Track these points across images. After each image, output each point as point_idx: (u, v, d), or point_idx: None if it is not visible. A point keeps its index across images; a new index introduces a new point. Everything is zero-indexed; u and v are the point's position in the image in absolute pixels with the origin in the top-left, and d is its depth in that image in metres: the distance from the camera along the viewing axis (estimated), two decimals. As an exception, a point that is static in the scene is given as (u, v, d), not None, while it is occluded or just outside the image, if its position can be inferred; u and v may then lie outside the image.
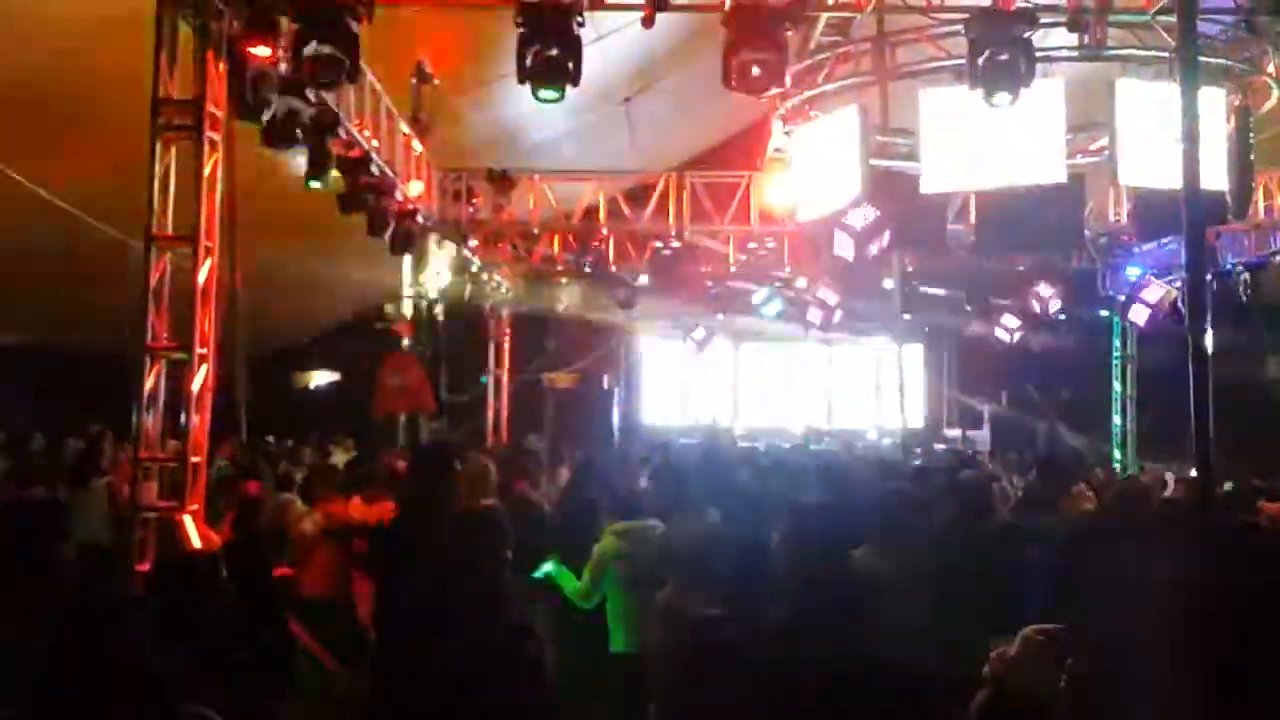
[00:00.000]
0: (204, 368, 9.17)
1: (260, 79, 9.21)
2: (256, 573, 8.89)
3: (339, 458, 15.05)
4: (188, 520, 8.84)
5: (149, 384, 9.06)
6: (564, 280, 19.27)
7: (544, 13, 9.20)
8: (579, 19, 9.25)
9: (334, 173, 11.65)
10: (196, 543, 8.71)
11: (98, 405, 13.88)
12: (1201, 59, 9.83)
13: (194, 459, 9.07)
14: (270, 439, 16.90)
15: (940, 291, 19.99)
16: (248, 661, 8.15)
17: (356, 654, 8.18)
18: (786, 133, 14.04)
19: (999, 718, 3.21)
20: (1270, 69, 11.81)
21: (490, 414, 21.11)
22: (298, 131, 10.10)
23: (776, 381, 25.28)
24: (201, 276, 9.12)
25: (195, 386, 9.09)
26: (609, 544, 7.04)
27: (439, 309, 17.57)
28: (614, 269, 18.23)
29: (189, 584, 4.11)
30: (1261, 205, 17.00)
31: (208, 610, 4.15)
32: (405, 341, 16.95)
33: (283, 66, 9.35)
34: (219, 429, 10.52)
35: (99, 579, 5.29)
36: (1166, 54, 10.45)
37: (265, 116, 9.57)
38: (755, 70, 9.41)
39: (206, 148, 9.08)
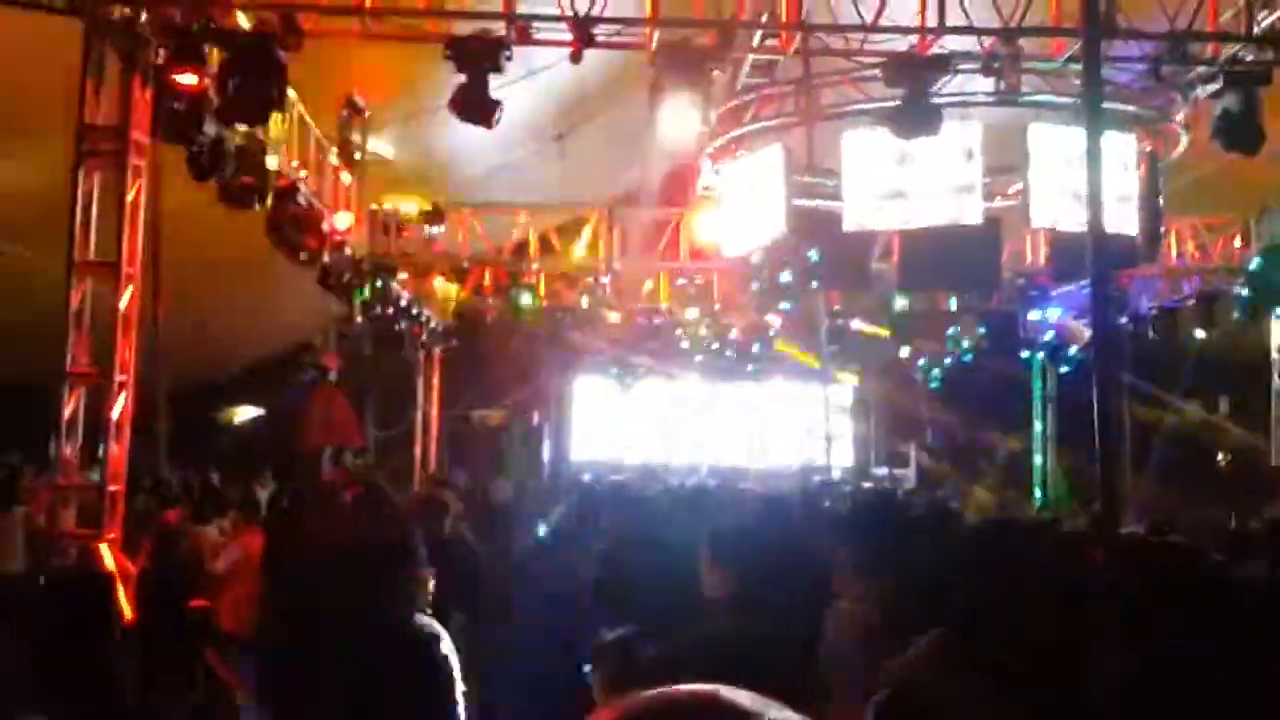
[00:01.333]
0: (124, 395, 9.12)
1: (187, 107, 9.23)
2: (171, 603, 8.83)
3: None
4: (104, 549, 8.76)
5: (68, 411, 8.99)
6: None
7: (472, 47, 9.35)
8: (507, 54, 9.41)
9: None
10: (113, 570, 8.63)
11: (8, 432, 13.65)
12: (1110, 105, 10.18)
13: (112, 487, 9.00)
14: (189, 471, 16.71)
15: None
16: (164, 693, 8.10)
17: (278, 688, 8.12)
18: (715, 171, 14.26)
19: (898, 717, 3.28)
20: (1179, 117, 12.21)
21: (419, 449, 21.02)
22: (224, 161, 10.10)
23: (706, 419, 25.36)
24: (123, 303, 9.09)
25: (115, 414, 9.03)
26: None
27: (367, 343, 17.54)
28: (544, 304, 18.35)
29: (80, 602, 4.11)
30: (1174, 251, 17.52)
31: (97, 630, 4.15)
32: (332, 375, 16.88)
33: (211, 95, 9.38)
34: (138, 461, 10.45)
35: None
36: (1077, 100, 10.77)
37: (192, 145, 9.58)
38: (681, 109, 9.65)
39: (130, 174, 9.08)
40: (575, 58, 9.72)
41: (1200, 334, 18.10)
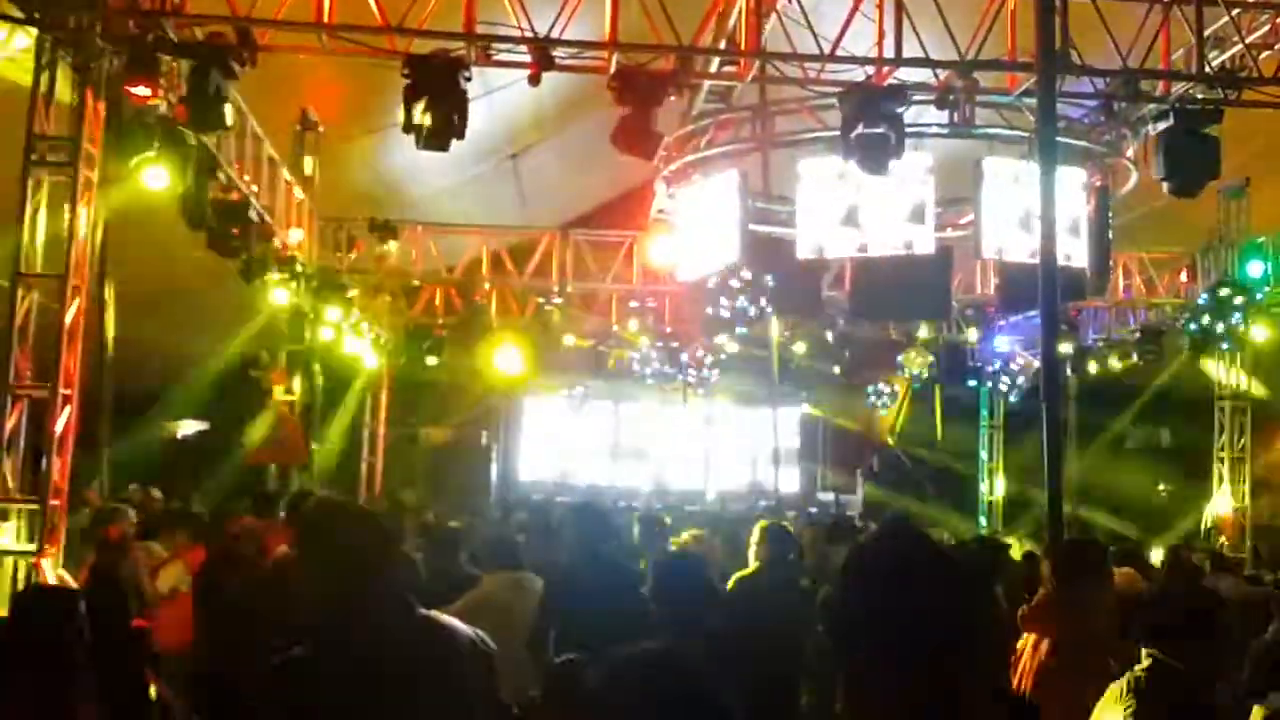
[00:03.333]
0: (68, 409, 8.95)
1: (139, 119, 9.13)
2: (113, 622, 8.66)
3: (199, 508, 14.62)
4: (46, 565, 8.59)
5: (10, 424, 8.82)
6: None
7: (431, 66, 9.31)
8: (466, 74, 9.38)
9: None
10: (53, 588, 8.45)
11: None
12: (1062, 140, 10.30)
13: (54, 503, 8.83)
14: (134, 486, 16.42)
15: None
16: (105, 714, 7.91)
17: (215, 710, 7.99)
18: (670, 195, 14.29)
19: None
20: (1129, 152, 12.39)
21: (364, 467, 20.83)
22: (175, 174, 9.99)
23: (654, 442, 25.28)
24: (69, 316, 8.93)
25: (58, 428, 8.86)
26: (488, 591, 6.99)
27: (315, 359, 17.34)
28: (495, 323, 18.30)
29: (48, 618, 3.99)
30: (1121, 284, 17.78)
31: (66, 646, 4.03)
32: (279, 391, 16.67)
33: (163, 108, 9.28)
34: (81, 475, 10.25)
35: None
36: (1029, 134, 10.90)
37: (143, 157, 9.47)
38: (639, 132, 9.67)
39: (80, 186, 8.93)
40: (534, 80, 9.71)
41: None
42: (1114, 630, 5.48)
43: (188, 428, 24.11)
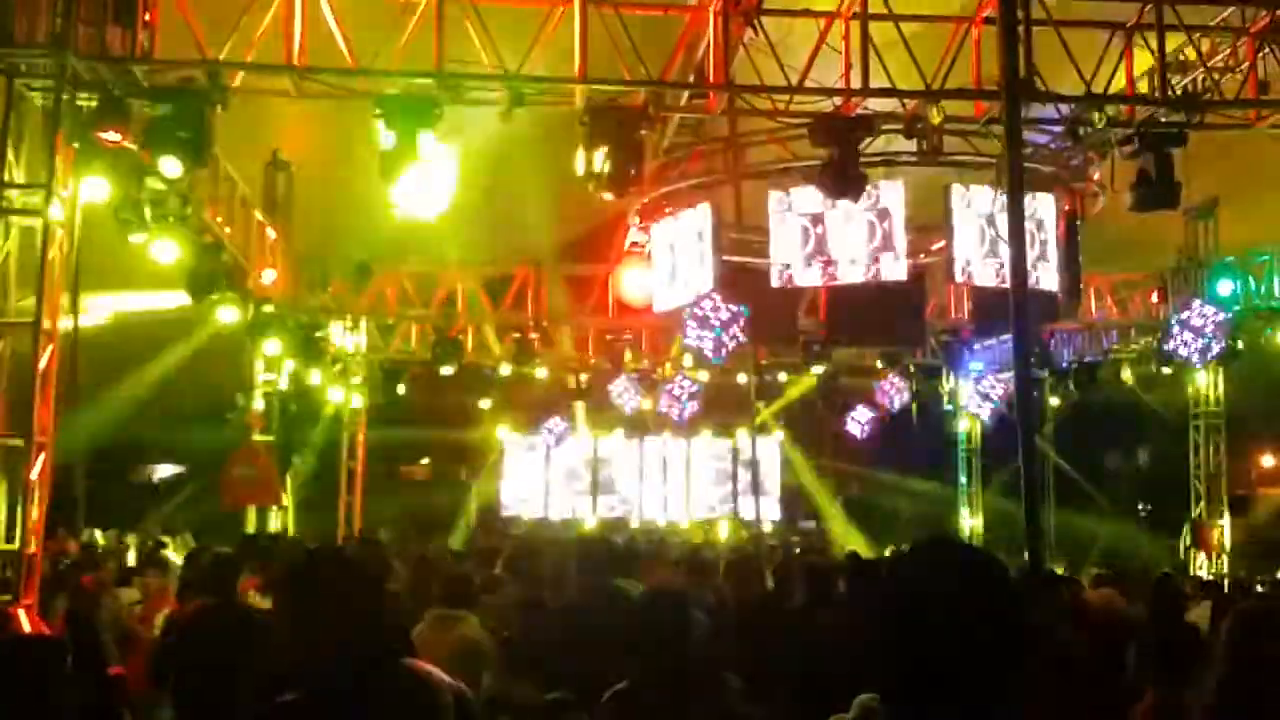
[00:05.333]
0: (43, 456, 8.88)
1: (110, 163, 9.11)
2: (89, 671, 8.58)
3: (176, 551, 14.52)
4: (21, 614, 8.50)
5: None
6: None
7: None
8: (437, 112, 9.42)
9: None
10: (29, 637, 8.36)
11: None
12: (1030, 166, 10.41)
13: (29, 551, 8.74)
14: (110, 532, 16.30)
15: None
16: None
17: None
18: (642, 228, 14.34)
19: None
20: (1096, 176, 12.51)
21: (342, 506, 20.69)
22: (146, 216, 9.97)
23: (634, 473, 25.25)
24: (43, 363, 8.87)
25: (33, 476, 8.78)
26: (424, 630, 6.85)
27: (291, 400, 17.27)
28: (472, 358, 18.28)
29: (34, 668, 3.93)
30: (1094, 306, 17.89)
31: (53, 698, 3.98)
32: (255, 433, 16.58)
33: (136, 152, 9.26)
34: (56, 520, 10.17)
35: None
36: (997, 160, 10.99)
37: (114, 200, 9.45)
38: (609, 168, 9.71)
39: (52, 231, 8.90)
40: (505, 115, 9.76)
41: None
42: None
43: (164, 471, 24.01)
